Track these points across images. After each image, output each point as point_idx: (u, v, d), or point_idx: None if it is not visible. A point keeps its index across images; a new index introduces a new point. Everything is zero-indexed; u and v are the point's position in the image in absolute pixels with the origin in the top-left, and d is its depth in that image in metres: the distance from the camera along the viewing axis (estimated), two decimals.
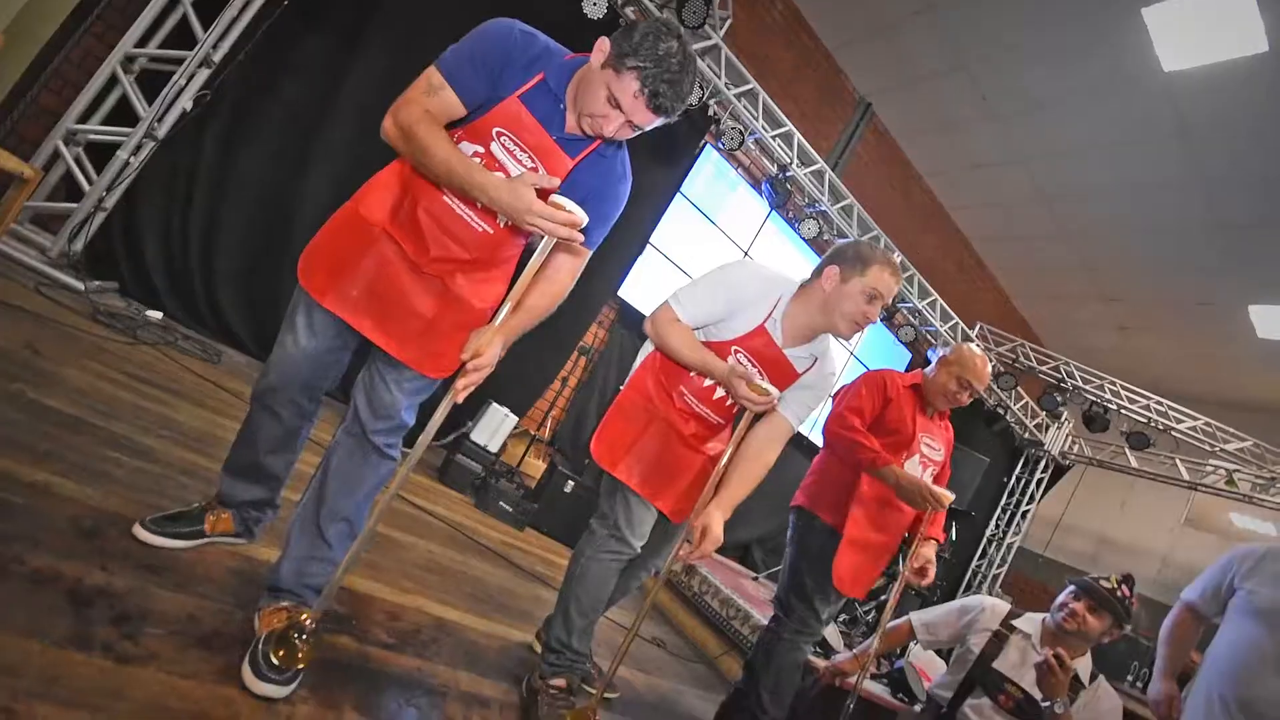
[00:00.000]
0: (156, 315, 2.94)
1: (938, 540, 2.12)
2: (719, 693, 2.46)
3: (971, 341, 6.40)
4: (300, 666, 1.17)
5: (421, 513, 2.66)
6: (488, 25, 1.25)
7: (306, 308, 1.34)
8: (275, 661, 1.15)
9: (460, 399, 1.26)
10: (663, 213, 4.71)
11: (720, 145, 4.65)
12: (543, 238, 1.23)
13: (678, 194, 4.77)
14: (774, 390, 1.52)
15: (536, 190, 1.16)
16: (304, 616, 1.20)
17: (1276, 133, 4.14)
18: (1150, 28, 3.96)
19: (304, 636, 1.18)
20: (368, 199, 1.31)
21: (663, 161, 4.52)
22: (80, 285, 2.72)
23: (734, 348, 1.64)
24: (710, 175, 5.00)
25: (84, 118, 2.93)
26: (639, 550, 1.69)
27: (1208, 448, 5.94)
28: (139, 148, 2.93)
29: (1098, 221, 5.83)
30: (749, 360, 1.65)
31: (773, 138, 4.74)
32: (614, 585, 1.74)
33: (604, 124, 1.23)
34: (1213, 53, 3.89)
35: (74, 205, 2.86)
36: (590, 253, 1.41)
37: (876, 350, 6.29)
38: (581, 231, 1.18)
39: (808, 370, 1.70)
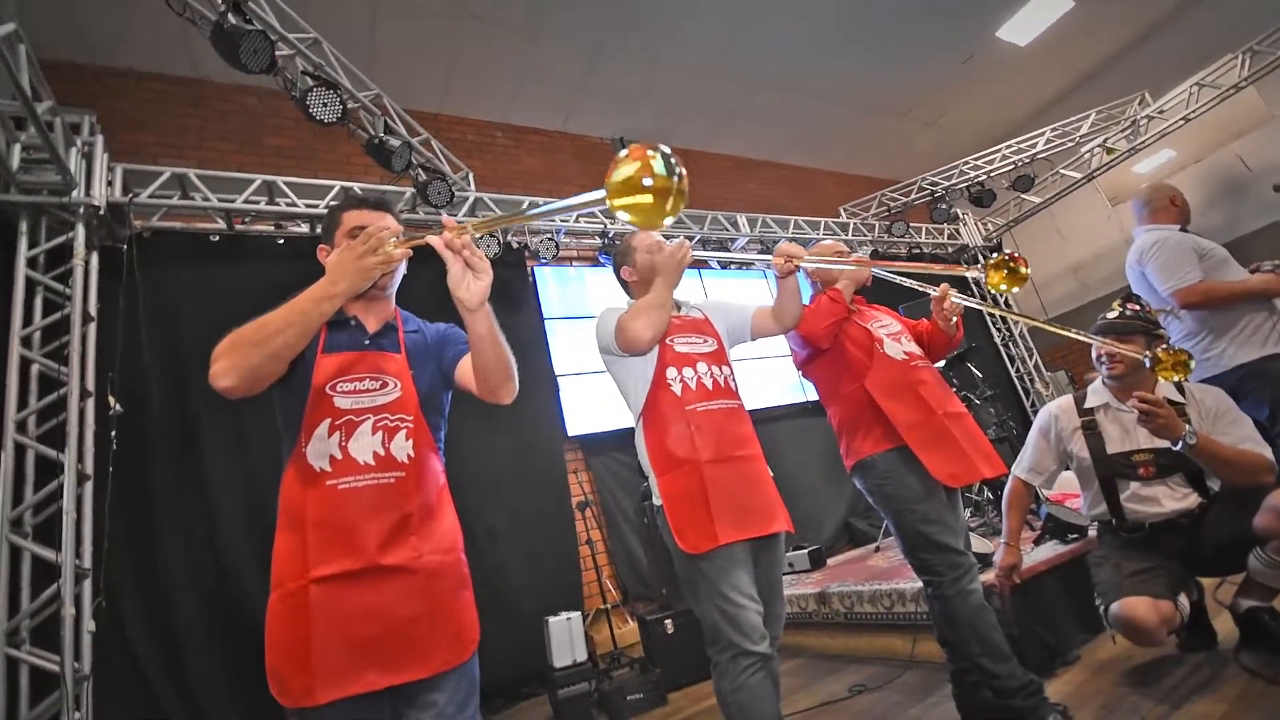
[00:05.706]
0: None
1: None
2: (942, 682, 2.24)
3: (839, 234, 6.69)
4: None
5: None
6: None
7: None
8: None
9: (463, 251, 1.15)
10: (547, 346, 4.73)
11: (544, 262, 4.77)
12: None
13: (545, 322, 4.82)
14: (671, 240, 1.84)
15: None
16: None
17: None
18: None
19: None
20: (280, 574, 1.18)
21: (510, 310, 4.57)
22: None
23: (667, 340, 1.77)
24: (557, 285, 5.10)
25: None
26: (769, 649, 1.53)
27: (1071, 144, 6.33)
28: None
29: (820, 66, 6.18)
30: (685, 337, 1.82)
31: (576, 221, 4.92)
32: (776, 695, 1.56)
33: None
34: None
35: None
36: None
37: None
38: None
39: (697, 313, 1.94)
